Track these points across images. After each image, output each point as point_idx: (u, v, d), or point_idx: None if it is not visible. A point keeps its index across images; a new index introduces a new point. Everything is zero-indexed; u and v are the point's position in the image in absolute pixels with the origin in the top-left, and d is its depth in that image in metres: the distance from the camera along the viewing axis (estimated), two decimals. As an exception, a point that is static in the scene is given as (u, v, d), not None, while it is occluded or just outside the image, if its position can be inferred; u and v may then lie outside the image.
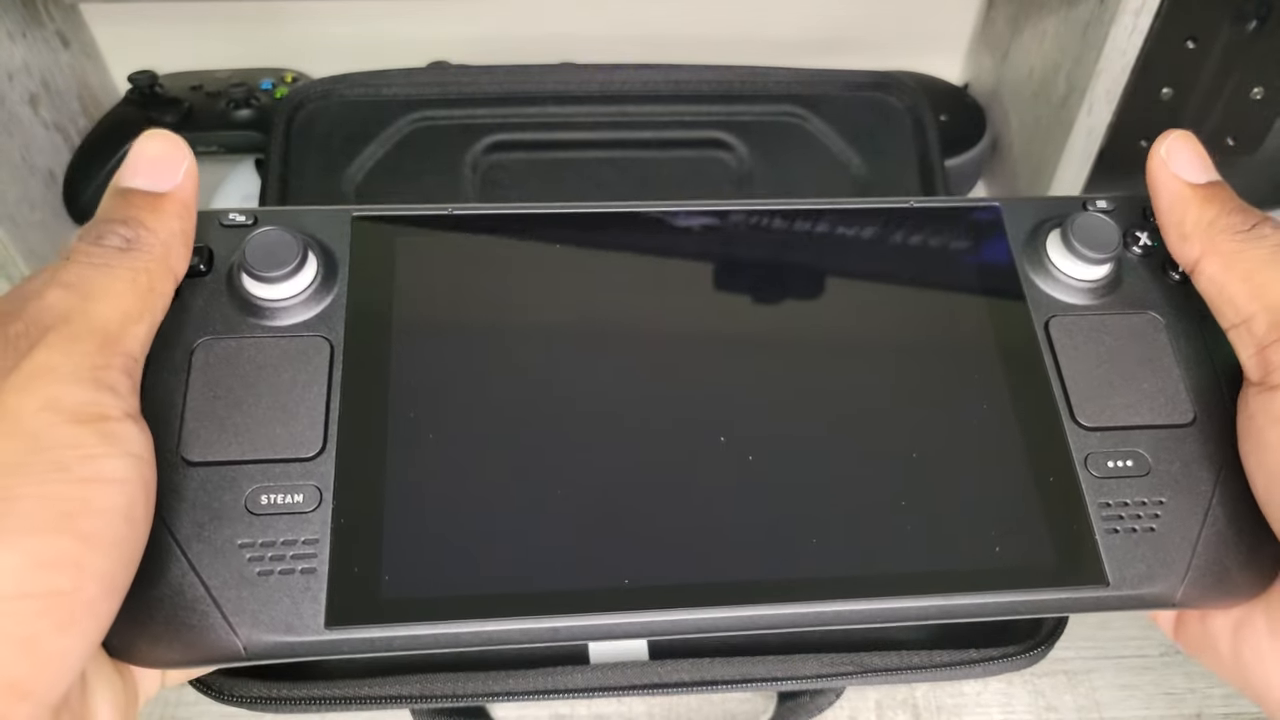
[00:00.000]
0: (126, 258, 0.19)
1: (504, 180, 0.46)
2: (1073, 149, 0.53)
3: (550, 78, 0.47)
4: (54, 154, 0.59)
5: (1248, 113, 0.58)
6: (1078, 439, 0.22)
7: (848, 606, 0.20)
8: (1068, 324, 0.23)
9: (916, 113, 0.48)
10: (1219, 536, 0.21)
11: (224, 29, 0.64)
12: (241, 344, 0.21)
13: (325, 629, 0.19)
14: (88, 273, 0.18)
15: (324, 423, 0.21)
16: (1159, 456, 0.21)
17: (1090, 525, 0.21)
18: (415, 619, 0.19)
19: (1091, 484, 0.21)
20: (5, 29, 0.54)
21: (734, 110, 0.47)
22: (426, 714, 0.41)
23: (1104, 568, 0.20)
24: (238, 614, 0.19)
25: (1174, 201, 0.22)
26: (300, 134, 0.46)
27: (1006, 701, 0.44)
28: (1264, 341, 0.20)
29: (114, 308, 0.18)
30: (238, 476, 0.20)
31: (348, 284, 0.22)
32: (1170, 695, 0.44)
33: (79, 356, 0.17)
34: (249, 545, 0.19)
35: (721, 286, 0.23)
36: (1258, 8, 0.53)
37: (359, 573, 0.19)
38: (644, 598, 0.19)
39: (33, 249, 0.56)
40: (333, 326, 0.22)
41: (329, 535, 0.19)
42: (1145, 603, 0.20)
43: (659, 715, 0.43)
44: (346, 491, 0.20)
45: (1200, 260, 0.21)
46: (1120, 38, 0.48)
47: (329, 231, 0.23)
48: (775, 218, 0.24)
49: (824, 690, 0.42)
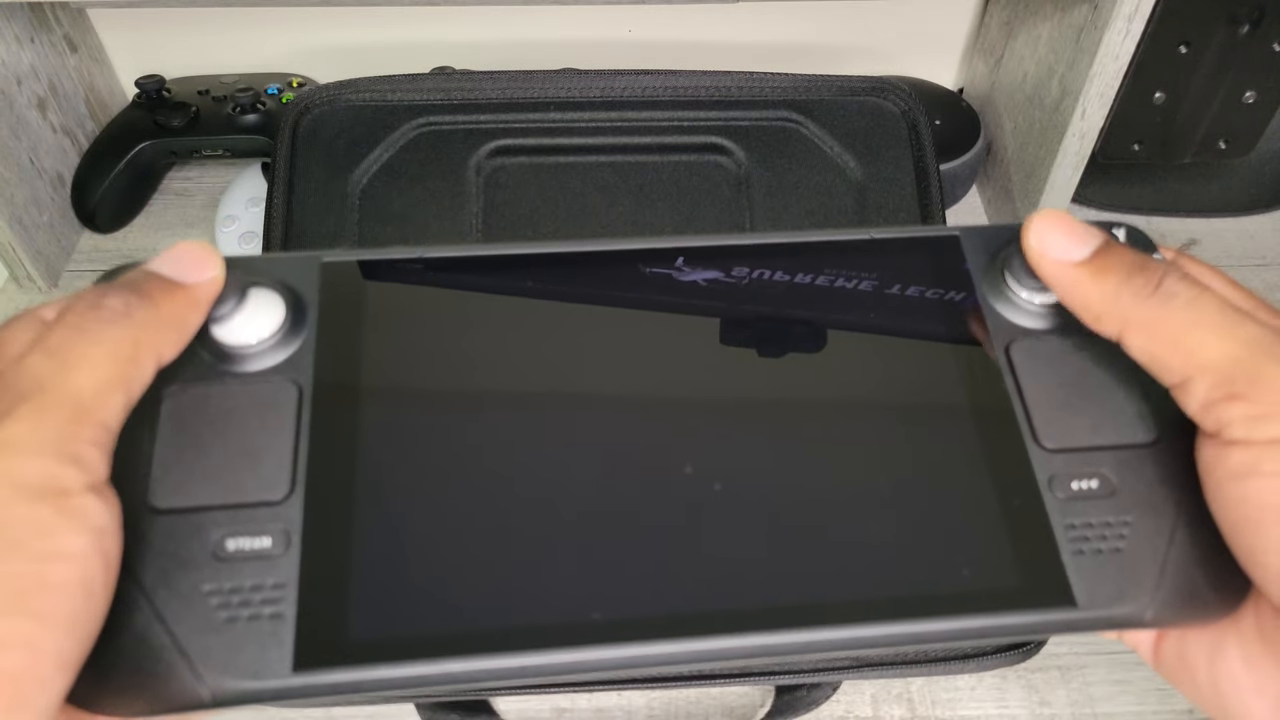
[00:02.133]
0: (115, 326, 0.19)
1: (507, 184, 0.47)
2: (1066, 153, 0.54)
3: (552, 84, 0.47)
4: (62, 157, 0.59)
5: (1240, 116, 0.58)
6: (1041, 461, 0.22)
7: (812, 635, 0.20)
8: (1028, 347, 0.23)
9: (912, 117, 0.48)
10: (1187, 554, 0.21)
11: (231, 34, 0.65)
12: (210, 390, 0.21)
13: (292, 673, 0.19)
14: (72, 338, 0.18)
15: (292, 466, 0.20)
16: (1124, 477, 0.21)
17: (1057, 547, 0.21)
18: (384, 660, 0.19)
19: (1056, 506, 0.21)
20: (14, 33, 0.55)
21: (732, 115, 0.48)
22: (430, 706, 0.42)
23: (1072, 589, 0.20)
24: (204, 661, 0.18)
25: (1070, 287, 0.21)
26: (306, 138, 0.46)
27: (1000, 696, 0.44)
28: (1209, 400, 0.19)
29: (91, 377, 0.18)
30: (204, 522, 0.20)
31: (316, 328, 0.22)
32: (1162, 691, 0.45)
33: (48, 430, 0.17)
34: (216, 591, 0.19)
35: (683, 323, 0.23)
36: (1250, 12, 0.53)
37: (326, 615, 0.19)
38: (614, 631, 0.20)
39: (40, 250, 0.57)
40: (301, 371, 0.21)
41: (296, 578, 0.19)
42: (1115, 623, 0.20)
43: (659, 708, 0.44)
44: (314, 534, 0.20)
45: (1123, 334, 0.21)
46: (1113, 43, 0.49)
47: (298, 277, 0.23)
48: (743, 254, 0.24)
49: (821, 684, 0.42)
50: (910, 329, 0.23)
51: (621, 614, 0.20)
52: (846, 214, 0.47)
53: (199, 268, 0.21)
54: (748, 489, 0.21)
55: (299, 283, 0.23)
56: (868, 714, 0.44)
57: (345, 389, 0.22)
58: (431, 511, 0.21)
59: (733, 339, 0.23)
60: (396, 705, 0.43)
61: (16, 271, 0.57)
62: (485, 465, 0.21)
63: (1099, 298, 0.21)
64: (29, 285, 0.58)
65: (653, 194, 0.47)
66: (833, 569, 0.21)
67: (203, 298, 0.21)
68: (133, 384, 0.19)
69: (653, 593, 0.20)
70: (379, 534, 0.20)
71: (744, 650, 0.20)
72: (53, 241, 0.58)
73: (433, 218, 0.46)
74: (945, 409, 0.22)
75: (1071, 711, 0.44)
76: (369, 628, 0.19)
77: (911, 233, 0.25)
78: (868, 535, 0.21)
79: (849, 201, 0.47)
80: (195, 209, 0.63)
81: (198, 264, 0.21)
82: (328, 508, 0.20)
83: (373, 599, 0.20)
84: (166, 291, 0.20)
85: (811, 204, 0.47)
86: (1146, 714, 0.44)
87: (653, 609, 0.20)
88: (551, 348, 0.23)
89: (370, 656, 0.19)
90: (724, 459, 0.22)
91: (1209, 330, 0.20)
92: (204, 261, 0.21)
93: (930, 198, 0.47)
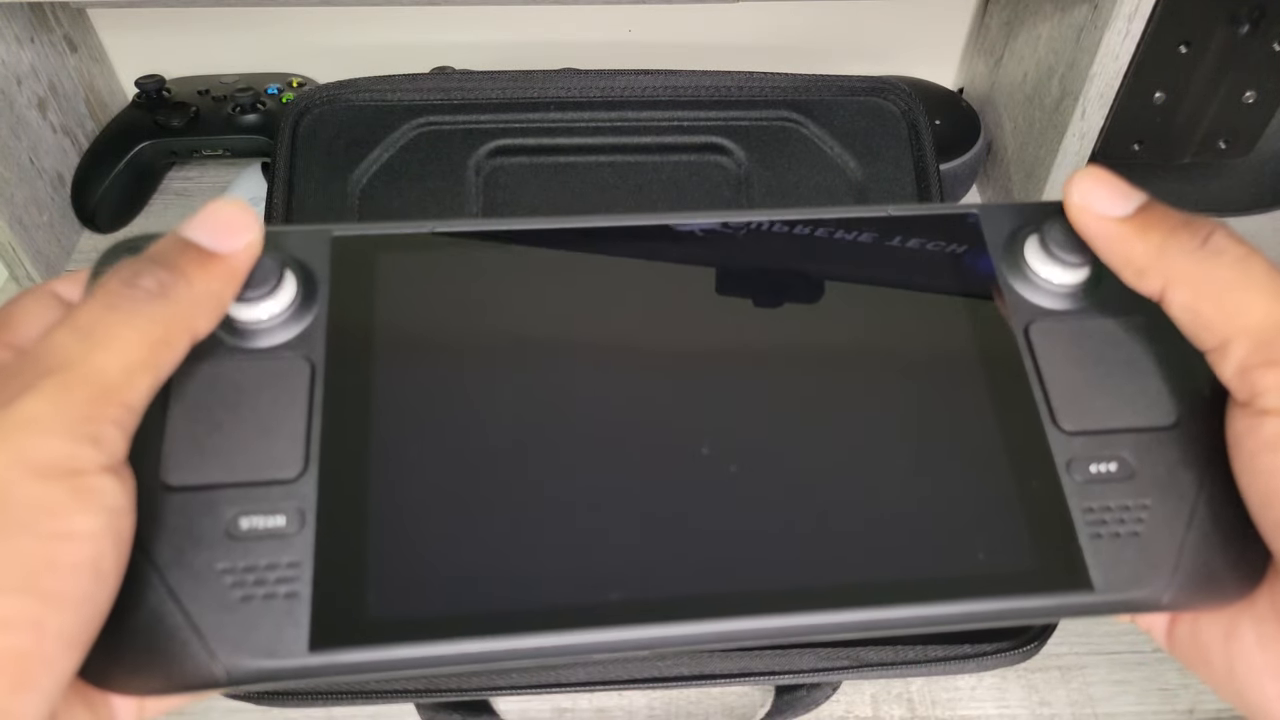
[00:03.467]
0: (149, 305, 0.19)
1: (506, 184, 0.47)
2: (1066, 153, 0.54)
3: (552, 84, 0.47)
4: (61, 157, 0.59)
5: (1240, 116, 0.58)
6: (1059, 444, 0.21)
7: (829, 618, 0.20)
8: (1047, 328, 0.22)
9: (912, 117, 0.48)
10: (1205, 537, 0.20)
11: (231, 34, 0.65)
12: (221, 366, 0.21)
13: (309, 652, 0.18)
14: (103, 316, 0.18)
15: (305, 443, 0.20)
16: (1142, 459, 0.21)
17: (1074, 530, 0.21)
18: (401, 639, 0.19)
19: (1074, 489, 0.21)
20: (14, 33, 0.55)
21: (731, 115, 0.48)
22: (431, 707, 0.42)
23: (1089, 572, 0.20)
24: (218, 640, 0.18)
25: (1113, 242, 0.21)
26: (306, 138, 0.46)
27: (1001, 696, 0.44)
28: (1246, 365, 0.19)
29: (120, 357, 0.18)
30: (218, 500, 0.19)
31: (328, 303, 0.22)
32: (1164, 691, 0.45)
33: (68, 407, 0.17)
34: (230, 570, 0.19)
35: (702, 298, 0.23)
36: (1250, 12, 0.53)
37: (343, 594, 0.19)
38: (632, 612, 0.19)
39: (40, 250, 0.57)
40: (313, 346, 0.21)
41: (311, 557, 0.19)
42: (1132, 606, 0.20)
43: (659, 708, 0.44)
44: (329, 512, 0.20)
45: (1166, 290, 0.20)
46: (1113, 42, 0.49)
47: (309, 251, 0.22)
48: (756, 229, 0.24)
49: (821, 684, 0.42)
50: (927, 310, 0.23)
51: (640, 595, 0.20)
52: (846, 214, 0.47)
53: (235, 233, 0.20)
54: (766, 470, 0.21)
55: (309, 257, 0.22)
56: (868, 714, 0.44)
57: (358, 365, 0.21)
58: (447, 488, 0.20)
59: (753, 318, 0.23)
60: (397, 705, 0.43)
61: (16, 271, 0.57)
62: (502, 440, 0.21)
63: (1143, 252, 0.20)
64: (29, 285, 0.58)
65: (652, 194, 0.47)
66: (849, 551, 0.21)
67: (240, 267, 0.20)
68: (163, 365, 0.19)
69: (671, 574, 0.20)
70: (394, 512, 0.20)
71: (760, 632, 0.20)
72: (53, 241, 0.58)
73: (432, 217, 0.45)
74: (963, 390, 0.22)
75: (1072, 711, 0.44)
76: (386, 607, 0.19)
77: (929, 210, 0.24)
78: (884, 517, 0.21)
79: (849, 201, 0.47)
80: (195, 209, 0.63)
81: (234, 229, 0.20)
82: (342, 485, 0.20)
83: (389, 578, 0.19)
84: (202, 265, 0.20)
85: (812, 204, 0.47)
86: (1147, 714, 0.44)
87: (671, 590, 0.20)
88: (567, 320, 0.23)
89: (387, 636, 0.19)
90: (742, 440, 0.21)
91: (1257, 290, 0.19)
92: (241, 226, 0.20)
93: (930, 198, 0.47)
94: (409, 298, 0.22)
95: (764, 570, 0.20)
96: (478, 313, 0.23)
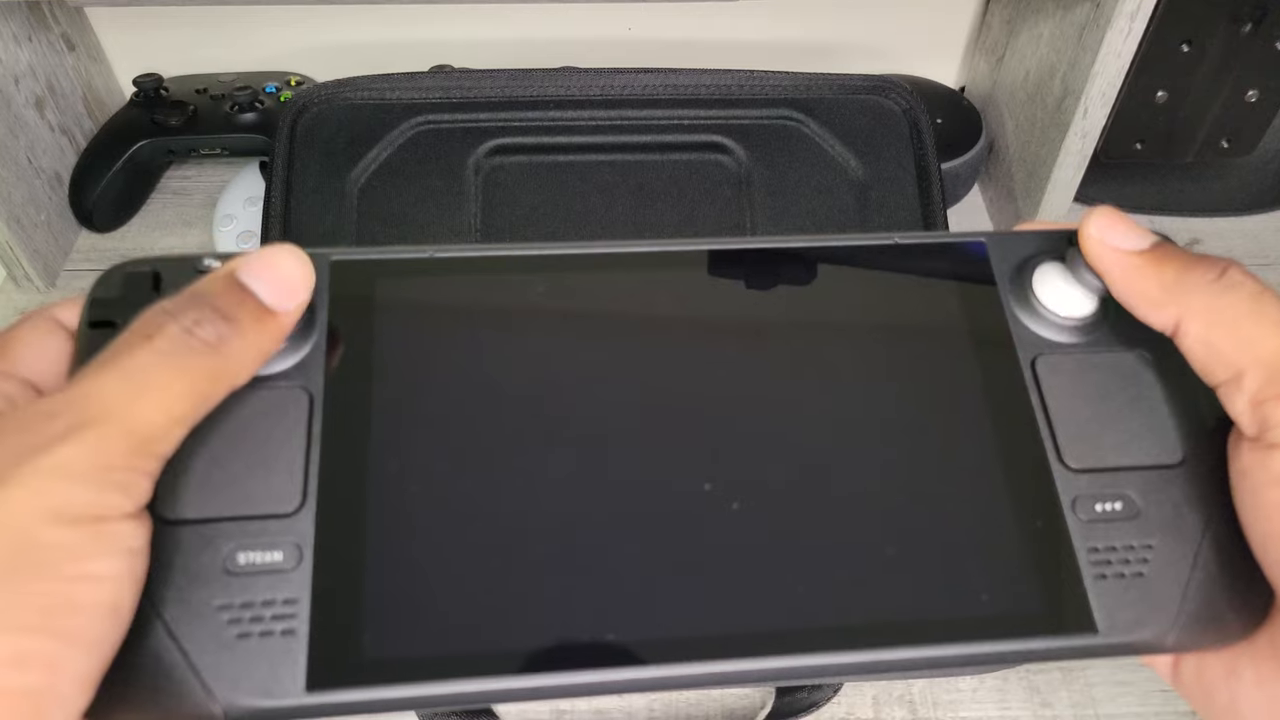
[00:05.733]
0: (204, 358, 0.18)
1: (505, 183, 0.47)
2: (1068, 152, 0.54)
3: (551, 82, 0.47)
4: (59, 156, 0.59)
5: (1243, 115, 0.58)
6: (1065, 481, 0.21)
7: (830, 659, 0.20)
8: (1054, 362, 0.22)
9: (913, 116, 0.48)
10: (1209, 578, 0.20)
11: (228, 32, 0.64)
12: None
13: (306, 692, 0.18)
14: (156, 363, 0.18)
15: (303, 476, 0.20)
16: (1148, 498, 0.21)
17: (1079, 571, 0.20)
18: (399, 680, 0.19)
19: (1079, 528, 0.21)
20: (11, 32, 0.55)
21: (732, 114, 0.47)
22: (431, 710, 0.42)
23: (1093, 615, 0.20)
24: (215, 679, 0.18)
25: (1129, 273, 0.21)
26: (304, 137, 0.46)
27: (1002, 698, 0.44)
28: (1259, 397, 0.19)
29: (164, 410, 0.17)
30: (215, 535, 0.19)
31: (327, 332, 0.21)
32: (1165, 692, 0.45)
33: (105, 459, 0.17)
34: (227, 607, 0.19)
35: (705, 329, 0.23)
36: (1252, 11, 0.53)
37: (340, 633, 0.19)
38: (629, 653, 0.19)
39: (38, 249, 0.56)
40: (311, 377, 0.21)
41: (309, 593, 0.19)
42: (1136, 649, 0.20)
43: (659, 711, 0.44)
44: (326, 548, 0.19)
45: (1180, 322, 0.20)
46: (1115, 41, 0.48)
47: None
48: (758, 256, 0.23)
49: (822, 685, 0.42)
50: (932, 341, 0.23)
51: (639, 635, 0.19)
52: (848, 213, 0.47)
53: (295, 293, 0.20)
54: (769, 509, 0.21)
55: None
56: (869, 715, 0.44)
57: (357, 396, 0.21)
58: (447, 525, 0.20)
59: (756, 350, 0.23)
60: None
61: (14, 271, 0.57)
62: (503, 475, 0.21)
63: (1159, 284, 0.20)
64: (27, 285, 0.57)
65: (652, 193, 0.47)
66: (849, 591, 0.20)
67: (289, 326, 0.20)
68: (200, 416, 0.19)
69: (670, 615, 0.20)
70: (393, 548, 0.20)
71: (760, 674, 0.20)
72: (50, 241, 0.58)
73: (431, 217, 0.46)
74: (969, 425, 0.22)
75: (1074, 713, 0.44)
76: (383, 646, 0.19)
77: (935, 239, 0.24)
78: (887, 556, 0.21)
79: (850, 200, 0.47)
80: (193, 208, 0.63)
81: (294, 289, 0.20)
82: (340, 521, 0.20)
83: (387, 616, 0.19)
84: (258, 321, 0.19)
85: (812, 203, 0.47)
86: (1149, 715, 0.44)
87: (669, 631, 0.20)
88: (570, 349, 0.22)
89: (385, 676, 0.19)
90: (745, 477, 0.21)
91: (1272, 324, 0.19)
92: (302, 286, 0.20)
93: (932, 197, 0.47)
94: (408, 325, 0.22)
95: (765, 611, 0.20)
96: (478, 341, 0.22)
